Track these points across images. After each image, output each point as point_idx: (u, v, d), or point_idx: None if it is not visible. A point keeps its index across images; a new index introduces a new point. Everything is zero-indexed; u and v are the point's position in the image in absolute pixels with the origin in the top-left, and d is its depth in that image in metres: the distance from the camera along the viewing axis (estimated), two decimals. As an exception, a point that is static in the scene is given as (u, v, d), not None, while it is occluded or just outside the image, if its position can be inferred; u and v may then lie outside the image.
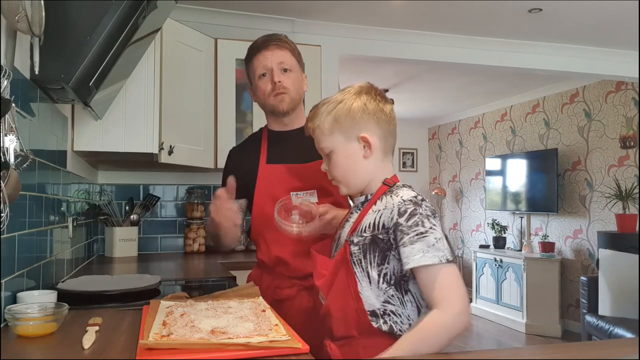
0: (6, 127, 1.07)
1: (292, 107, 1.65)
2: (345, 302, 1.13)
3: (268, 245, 1.63)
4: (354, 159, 1.19)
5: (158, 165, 2.63)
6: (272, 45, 1.61)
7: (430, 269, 1.04)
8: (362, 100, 1.19)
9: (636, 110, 4.48)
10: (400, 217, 1.08)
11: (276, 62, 1.60)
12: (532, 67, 3.84)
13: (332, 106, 1.20)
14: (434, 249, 1.04)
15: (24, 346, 1.04)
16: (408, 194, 1.11)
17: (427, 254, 1.04)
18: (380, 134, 1.19)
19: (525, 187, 5.56)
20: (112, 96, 1.98)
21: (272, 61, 1.60)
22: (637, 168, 4.46)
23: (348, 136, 1.19)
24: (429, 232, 1.06)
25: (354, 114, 1.18)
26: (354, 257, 1.13)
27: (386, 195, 1.15)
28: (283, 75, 1.61)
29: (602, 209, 4.75)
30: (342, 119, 1.18)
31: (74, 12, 1.34)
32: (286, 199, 1.43)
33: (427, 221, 1.07)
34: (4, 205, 1.06)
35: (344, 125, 1.18)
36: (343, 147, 1.19)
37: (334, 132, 1.19)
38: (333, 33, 3.36)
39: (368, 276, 1.12)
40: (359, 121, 1.18)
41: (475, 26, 3.43)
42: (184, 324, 1.07)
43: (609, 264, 3.91)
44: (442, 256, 1.04)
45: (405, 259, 1.06)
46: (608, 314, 3.79)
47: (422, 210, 1.08)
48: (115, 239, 2.73)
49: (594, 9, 3.12)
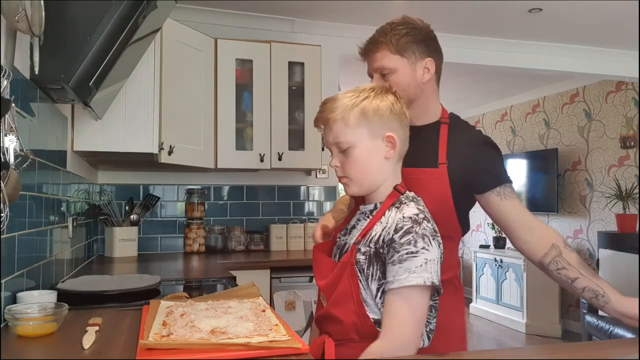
0: (6, 127, 1.07)
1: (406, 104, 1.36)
2: (347, 307, 1.12)
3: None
4: (376, 157, 1.16)
5: (158, 165, 2.63)
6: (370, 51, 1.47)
7: (399, 290, 1.02)
8: (389, 100, 1.16)
9: (636, 110, 4.47)
10: (395, 233, 1.06)
11: (374, 68, 1.46)
12: (532, 67, 3.84)
13: (356, 100, 1.15)
14: (421, 270, 1.02)
15: (24, 346, 1.04)
16: (411, 211, 1.09)
17: (413, 275, 1.02)
18: (402, 137, 1.18)
19: (526, 187, 5.55)
20: (112, 96, 1.98)
21: (371, 69, 1.48)
22: (637, 168, 4.46)
23: (374, 133, 1.15)
24: (420, 252, 1.03)
25: (382, 111, 1.15)
26: (359, 265, 1.11)
27: (393, 208, 1.13)
28: (381, 80, 1.43)
29: (602, 209, 4.75)
30: (370, 114, 1.14)
31: (74, 12, 1.34)
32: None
33: (422, 241, 1.04)
34: (4, 205, 1.06)
35: (372, 122, 1.14)
36: (366, 143, 1.15)
37: (360, 127, 1.14)
38: (333, 33, 3.36)
39: (369, 287, 1.10)
40: (387, 120, 1.15)
41: (475, 26, 3.43)
42: (184, 324, 1.07)
43: (609, 264, 3.91)
44: (427, 278, 1.02)
45: (391, 277, 1.04)
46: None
47: (419, 230, 1.05)
48: (115, 239, 2.73)
49: (594, 9, 3.12)
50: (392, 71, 1.41)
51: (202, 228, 3.05)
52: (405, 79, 1.40)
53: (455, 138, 1.41)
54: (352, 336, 1.12)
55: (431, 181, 1.35)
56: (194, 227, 3.03)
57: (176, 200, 3.13)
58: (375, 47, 1.45)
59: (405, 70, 1.41)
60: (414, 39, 1.45)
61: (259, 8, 3.10)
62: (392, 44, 1.43)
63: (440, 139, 1.40)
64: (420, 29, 1.48)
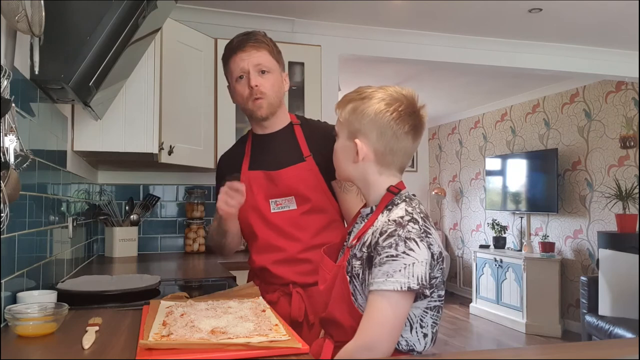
0: (6, 127, 1.07)
1: (272, 112, 1.58)
2: (342, 309, 1.12)
3: (251, 251, 1.65)
4: (345, 156, 1.19)
5: (158, 165, 2.63)
6: (249, 46, 1.53)
7: (376, 293, 1.02)
8: (379, 107, 1.13)
9: (636, 110, 4.48)
10: (380, 236, 1.05)
11: (253, 64, 1.53)
12: (532, 67, 3.84)
13: (357, 96, 1.17)
14: (399, 275, 1.00)
15: (24, 346, 1.04)
16: (397, 213, 1.08)
17: (390, 279, 1.00)
18: (380, 148, 1.14)
19: (525, 187, 5.56)
20: (112, 96, 1.98)
21: (249, 63, 1.52)
22: (637, 168, 4.46)
23: (349, 132, 1.16)
24: (400, 256, 1.02)
25: (363, 116, 1.14)
26: (354, 270, 1.11)
27: (385, 210, 1.13)
28: (261, 78, 1.53)
29: (602, 209, 4.75)
30: (355, 115, 1.15)
31: (74, 12, 1.34)
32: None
33: (403, 245, 1.02)
34: (4, 205, 1.06)
35: (351, 122, 1.15)
36: (342, 140, 1.19)
37: (344, 122, 1.17)
38: (333, 33, 3.36)
39: (364, 292, 1.09)
40: (365, 126, 1.13)
41: (475, 26, 3.43)
42: (184, 324, 1.07)
43: (609, 264, 3.91)
44: (403, 283, 1.00)
45: (371, 279, 1.04)
46: (608, 314, 3.79)
47: (403, 233, 1.03)
48: (115, 239, 2.73)
49: (594, 9, 3.12)
50: (270, 70, 1.56)
51: (202, 228, 3.05)
52: (279, 82, 1.59)
53: (310, 133, 1.61)
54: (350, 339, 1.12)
55: (304, 173, 1.54)
56: (194, 227, 3.03)
57: (176, 200, 3.13)
58: (258, 44, 1.55)
59: (278, 75, 1.59)
60: (280, 52, 1.63)
61: (259, 8, 3.10)
62: (272, 48, 1.59)
63: (298, 137, 1.60)
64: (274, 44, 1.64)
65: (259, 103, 1.55)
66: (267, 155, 1.61)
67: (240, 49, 1.54)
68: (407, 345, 1.08)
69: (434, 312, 1.11)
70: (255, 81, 1.53)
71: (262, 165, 1.60)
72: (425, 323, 1.09)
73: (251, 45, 1.53)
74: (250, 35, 1.56)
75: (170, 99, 2.43)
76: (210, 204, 3.15)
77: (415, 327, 1.09)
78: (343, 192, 1.56)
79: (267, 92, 1.55)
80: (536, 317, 5.01)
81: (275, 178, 1.56)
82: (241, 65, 1.53)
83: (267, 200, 1.57)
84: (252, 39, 1.55)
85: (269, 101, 1.56)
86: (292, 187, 1.55)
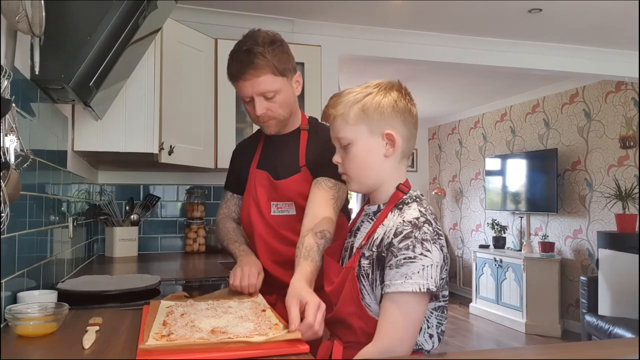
0: (6, 127, 1.07)
1: (282, 127, 1.59)
2: (352, 311, 1.12)
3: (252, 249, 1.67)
4: (374, 155, 1.14)
5: (158, 165, 2.63)
6: (249, 75, 1.46)
7: (393, 295, 1.02)
8: (392, 97, 1.13)
9: (636, 110, 4.48)
10: (395, 237, 1.05)
11: (257, 92, 1.48)
12: (532, 67, 3.84)
13: (359, 96, 1.14)
14: (418, 276, 1.00)
15: (24, 346, 1.04)
16: (411, 214, 1.07)
17: (409, 281, 1.00)
18: (404, 135, 1.14)
19: (525, 187, 5.56)
20: (112, 96, 1.98)
21: (253, 91, 1.48)
22: (636, 168, 4.46)
23: (373, 130, 1.13)
24: (418, 258, 1.02)
25: (382, 108, 1.12)
26: (363, 270, 1.11)
27: (395, 209, 1.12)
28: (267, 102, 1.50)
29: (602, 209, 4.75)
30: (370, 111, 1.12)
31: (74, 12, 1.34)
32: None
33: (420, 246, 1.02)
34: (4, 205, 1.06)
35: (371, 118, 1.12)
36: (365, 141, 1.14)
37: (359, 124, 1.13)
38: (333, 33, 3.36)
39: (374, 292, 1.10)
40: (387, 117, 1.12)
41: (475, 26, 3.43)
42: (184, 324, 1.07)
43: (608, 264, 3.91)
44: (422, 284, 1.00)
45: (387, 281, 1.03)
46: (608, 314, 3.79)
47: (419, 234, 1.03)
48: (115, 239, 2.73)
49: (594, 9, 3.12)
50: (276, 91, 1.51)
51: (202, 228, 3.05)
52: (288, 96, 1.55)
53: (313, 140, 1.60)
54: (361, 339, 1.11)
55: (299, 184, 1.54)
56: (194, 227, 3.03)
57: (176, 200, 3.13)
58: (257, 70, 1.47)
59: (286, 89, 1.53)
60: (287, 57, 1.54)
61: (259, 8, 3.10)
62: (275, 65, 1.49)
63: (300, 144, 1.60)
64: (281, 41, 1.57)
65: (268, 124, 1.57)
66: (273, 158, 1.64)
67: (241, 78, 1.48)
68: (415, 345, 1.09)
69: (439, 312, 1.11)
70: (261, 110, 1.51)
71: (267, 167, 1.63)
72: (430, 323, 1.10)
73: (251, 74, 1.46)
74: (249, 57, 1.46)
75: (171, 99, 2.43)
76: (210, 204, 3.16)
77: (423, 328, 1.09)
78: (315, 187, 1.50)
79: (274, 114, 1.54)
80: (536, 317, 5.01)
81: (276, 186, 1.61)
82: (245, 92, 1.51)
83: (269, 202, 1.61)
84: (251, 64, 1.45)
85: (278, 119, 1.56)
86: (291, 197, 1.58)
